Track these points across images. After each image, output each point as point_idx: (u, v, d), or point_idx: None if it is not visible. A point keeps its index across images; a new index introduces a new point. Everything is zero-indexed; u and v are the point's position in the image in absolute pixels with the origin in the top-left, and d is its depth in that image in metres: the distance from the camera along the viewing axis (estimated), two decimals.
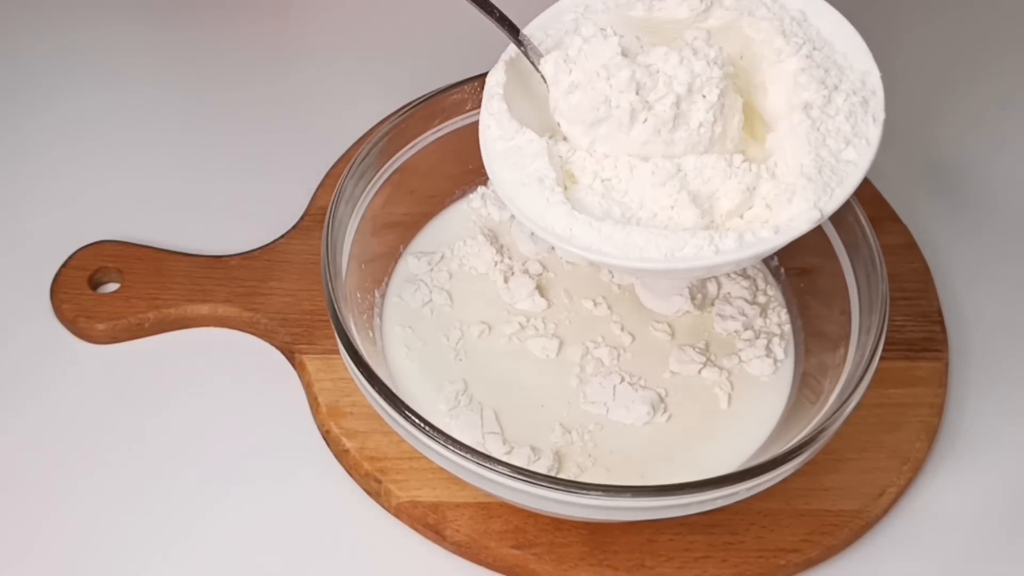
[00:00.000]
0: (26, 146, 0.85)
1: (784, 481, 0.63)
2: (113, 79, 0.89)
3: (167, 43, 0.91)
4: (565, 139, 0.65)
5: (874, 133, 0.62)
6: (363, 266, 0.72)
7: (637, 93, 0.62)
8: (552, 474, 0.67)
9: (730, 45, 0.65)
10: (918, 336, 0.75)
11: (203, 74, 0.90)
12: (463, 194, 0.79)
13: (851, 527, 0.68)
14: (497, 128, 0.64)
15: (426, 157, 0.75)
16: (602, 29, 0.64)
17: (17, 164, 0.84)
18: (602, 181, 0.63)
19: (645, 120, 0.62)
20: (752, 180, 0.62)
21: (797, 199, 0.61)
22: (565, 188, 0.63)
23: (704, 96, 0.62)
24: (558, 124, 0.65)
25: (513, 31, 0.66)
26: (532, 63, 0.65)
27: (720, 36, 0.66)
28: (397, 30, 0.94)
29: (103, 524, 0.68)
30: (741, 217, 0.63)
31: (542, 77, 0.65)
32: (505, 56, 0.67)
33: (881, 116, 0.63)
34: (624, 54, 0.63)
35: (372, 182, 0.73)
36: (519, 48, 0.66)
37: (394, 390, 0.64)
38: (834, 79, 0.63)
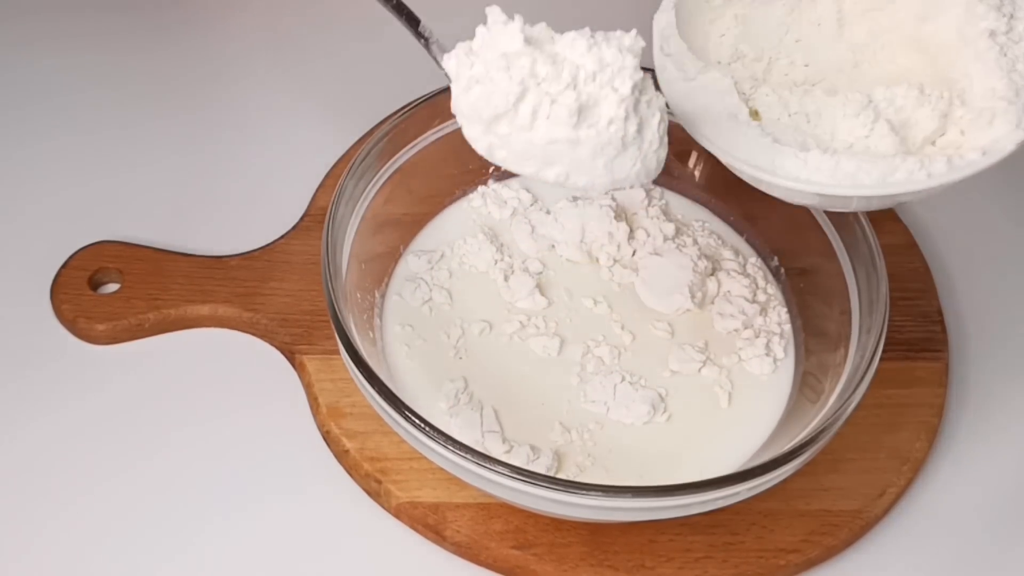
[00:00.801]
0: (26, 146, 0.85)
1: (784, 481, 0.63)
2: (112, 79, 0.89)
3: (166, 42, 0.91)
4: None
5: None
6: (363, 266, 0.72)
7: (539, 85, 0.55)
8: (551, 474, 0.67)
9: None
10: (918, 336, 0.75)
11: (203, 73, 0.90)
12: (463, 194, 0.79)
13: (851, 527, 0.68)
14: (675, 69, 0.62)
15: (426, 157, 0.75)
16: (508, 16, 0.56)
17: (17, 164, 0.84)
18: (790, 115, 0.62)
19: (548, 116, 0.55)
20: (945, 106, 0.61)
21: (999, 121, 0.59)
22: None
23: (616, 89, 0.55)
24: (460, 126, 0.59)
25: (413, 22, 0.59)
26: (435, 60, 0.60)
27: None
28: (398, 30, 0.93)
29: (102, 522, 0.68)
30: (933, 144, 0.62)
31: (447, 76, 0.58)
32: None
33: None
34: (528, 42, 0.55)
35: (372, 182, 0.73)
36: (419, 41, 0.60)
37: (394, 389, 0.64)
38: (1008, 7, 0.62)
